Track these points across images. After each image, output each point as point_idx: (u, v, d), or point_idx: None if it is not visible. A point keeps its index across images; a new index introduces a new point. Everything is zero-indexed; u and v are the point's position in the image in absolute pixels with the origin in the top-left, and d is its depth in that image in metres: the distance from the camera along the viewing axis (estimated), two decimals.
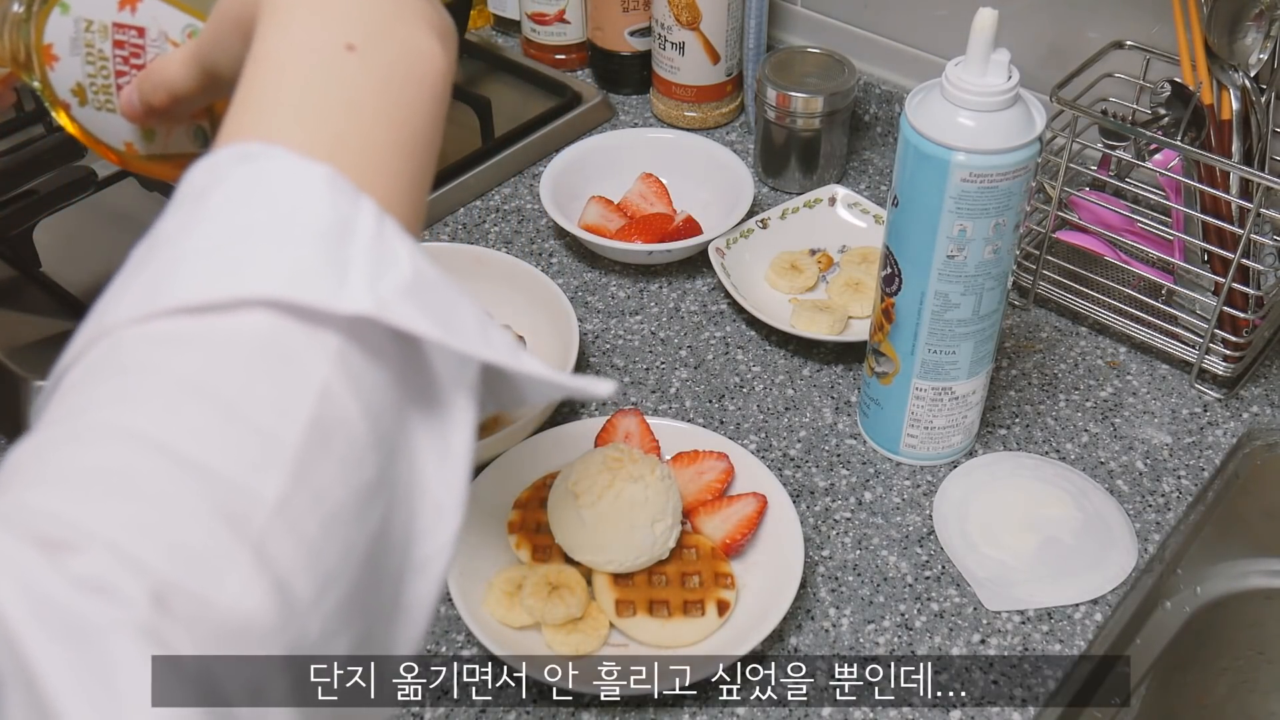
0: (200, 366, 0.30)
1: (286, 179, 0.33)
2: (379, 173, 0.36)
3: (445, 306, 0.33)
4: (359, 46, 0.38)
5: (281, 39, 0.38)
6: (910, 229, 0.66)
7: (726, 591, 0.67)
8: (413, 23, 0.40)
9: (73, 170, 0.83)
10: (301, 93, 0.37)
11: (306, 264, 0.31)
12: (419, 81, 0.39)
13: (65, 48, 0.49)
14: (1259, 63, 0.76)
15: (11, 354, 0.78)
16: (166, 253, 0.33)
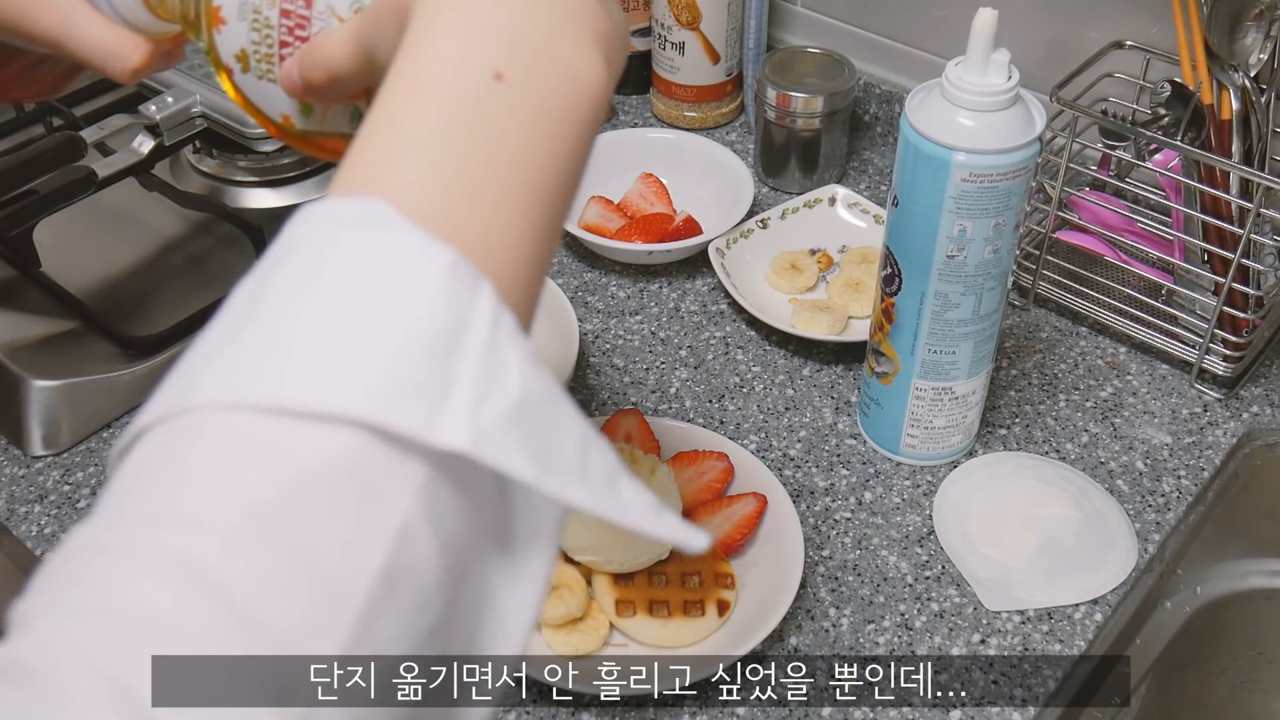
0: (277, 492, 0.28)
1: (406, 265, 0.30)
2: (509, 230, 0.33)
3: (547, 433, 0.30)
4: (508, 76, 0.35)
5: (425, 57, 0.35)
6: (910, 229, 0.66)
7: (726, 591, 0.67)
8: (576, 38, 0.37)
9: (73, 170, 0.83)
10: (438, 135, 0.33)
11: (407, 381, 0.29)
12: (572, 111, 0.36)
13: (233, 11, 0.48)
14: (1259, 63, 0.76)
15: (11, 354, 0.78)
16: (268, 324, 0.30)
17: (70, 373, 0.77)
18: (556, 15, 0.37)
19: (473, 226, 0.32)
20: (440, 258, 0.31)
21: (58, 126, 0.93)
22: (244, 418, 0.28)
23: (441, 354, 0.29)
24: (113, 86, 0.99)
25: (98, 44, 0.52)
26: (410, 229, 0.31)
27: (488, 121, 0.34)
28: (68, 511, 0.73)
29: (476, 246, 0.32)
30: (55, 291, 0.84)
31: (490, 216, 0.33)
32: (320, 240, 0.31)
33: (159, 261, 0.89)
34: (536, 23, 0.36)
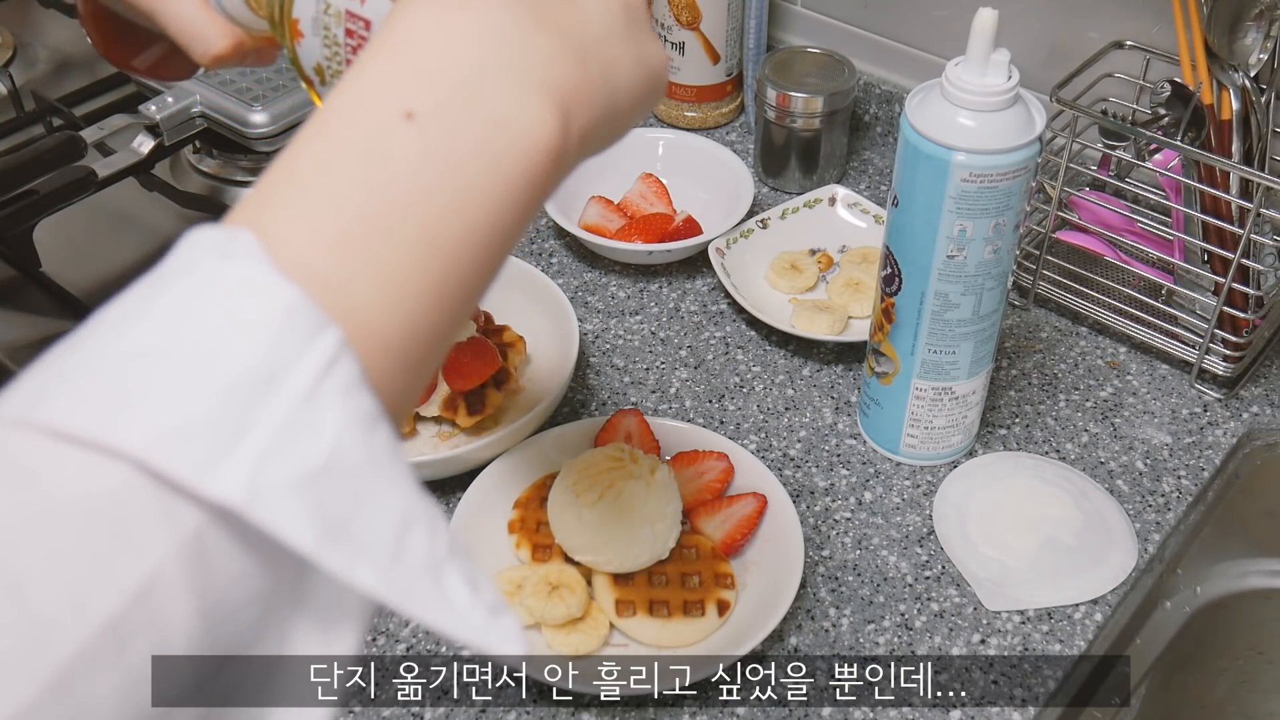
0: (18, 520, 0.25)
1: (241, 297, 0.28)
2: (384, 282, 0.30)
3: (354, 503, 0.27)
4: (419, 115, 0.32)
5: (343, 90, 0.33)
6: (910, 229, 0.66)
7: (726, 591, 0.67)
8: (520, 83, 0.33)
9: (73, 170, 0.83)
10: (326, 171, 0.31)
11: (195, 422, 0.26)
12: (495, 167, 0.32)
13: (308, 26, 0.48)
14: (1259, 63, 0.76)
15: (11, 354, 0.78)
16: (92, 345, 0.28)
17: None
18: (497, 57, 0.33)
19: (337, 273, 0.30)
20: (279, 296, 0.28)
21: (58, 126, 0.93)
22: (23, 437, 0.26)
23: (245, 398, 0.27)
24: (113, 86, 0.99)
25: (186, 23, 0.53)
26: (258, 263, 0.28)
27: (383, 163, 0.31)
28: None
29: (337, 294, 0.29)
30: (55, 291, 0.84)
31: (361, 265, 0.30)
32: (172, 268, 0.29)
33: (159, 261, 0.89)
34: (468, 61, 0.33)
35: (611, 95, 0.37)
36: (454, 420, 0.76)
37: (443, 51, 0.33)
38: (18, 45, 1.08)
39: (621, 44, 0.37)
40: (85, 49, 1.09)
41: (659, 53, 0.40)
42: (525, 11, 0.34)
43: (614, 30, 0.37)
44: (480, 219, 0.32)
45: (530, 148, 0.33)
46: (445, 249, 0.31)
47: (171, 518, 0.26)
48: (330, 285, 0.29)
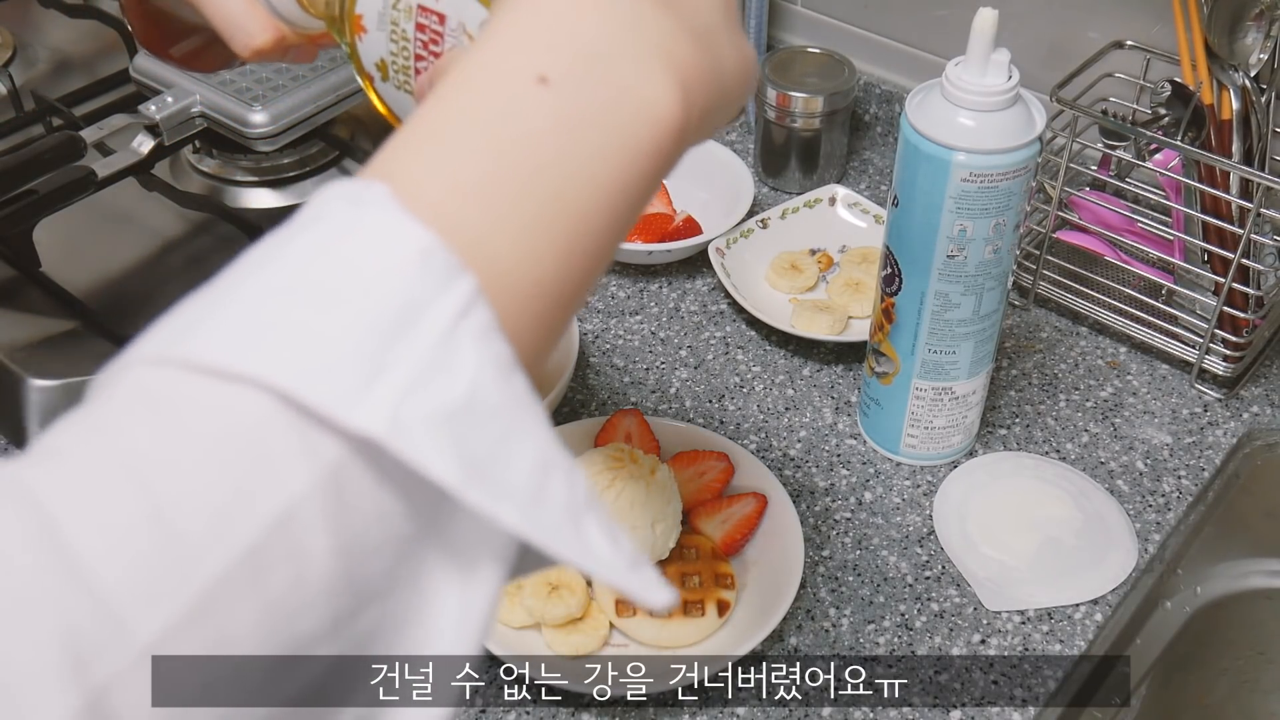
0: (162, 449, 0.26)
1: (377, 240, 0.29)
2: (518, 236, 0.31)
3: (493, 444, 0.27)
4: (553, 80, 0.32)
5: (475, 54, 0.33)
6: (910, 229, 0.66)
7: (726, 591, 0.67)
8: (644, 55, 0.34)
9: (73, 170, 0.83)
10: (462, 128, 0.31)
11: (337, 356, 0.26)
12: (624, 131, 0.33)
13: (373, 21, 0.48)
14: (1259, 62, 0.76)
15: (11, 354, 0.78)
16: (228, 286, 0.29)
17: (70, 373, 0.77)
18: (631, 30, 0.34)
19: (472, 223, 0.30)
20: (415, 240, 0.28)
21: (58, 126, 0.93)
22: (163, 372, 0.27)
23: (384, 335, 0.27)
24: (113, 86, 0.99)
25: (230, 14, 0.53)
26: (393, 209, 0.29)
27: (518, 122, 0.32)
28: None
29: (472, 244, 0.30)
30: (55, 291, 0.84)
31: (496, 217, 0.31)
32: (307, 217, 0.30)
33: (159, 261, 0.89)
34: (599, 33, 0.34)
35: (721, 80, 0.37)
36: None
37: (573, 21, 0.33)
38: (18, 45, 1.08)
39: (725, 34, 0.38)
40: (85, 49, 1.09)
41: (751, 49, 0.41)
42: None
43: (718, 20, 0.38)
44: (608, 183, 0.33)
45: (656, 119, 0.34)
46: (575, 209, 0.32)
47: (311, 449, 0.26)
48: (465, 233, 0.30)
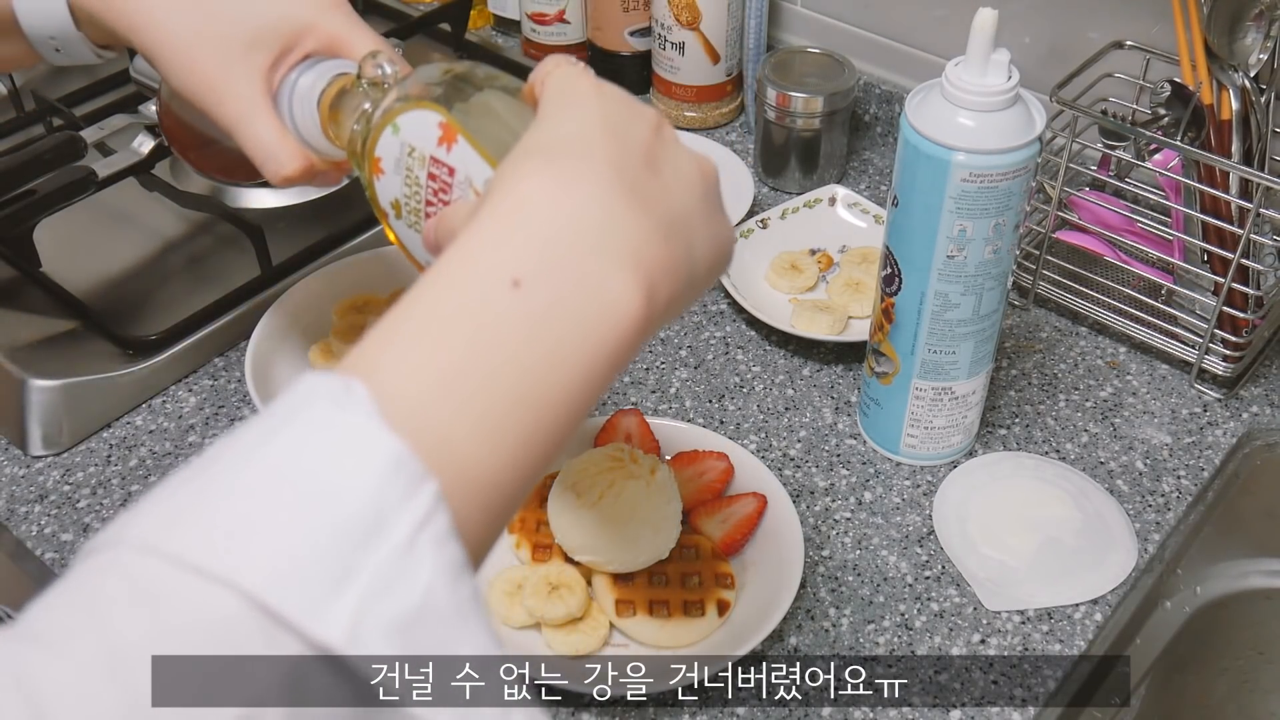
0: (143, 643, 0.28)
1: (350, 449, 0.31)
2: (482, 432, 0.33)
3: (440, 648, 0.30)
4: (526, 283, 0.35)
5: (457, 253, 0.36)
6: (910, 229, 0.66)
7: (726, 591, 0.67)
8: (615, 259, 0.36)
9: (73, 170, 0.83)
10: (436, 327, 0.34)
11: (306, 564, 0.29)
12: (587, 335, 0.35)
13: (390, 165, 0.52)
14: (1259, 63, 0.76)
15: (11, 354, 0.78)
16: (212, 479, 0.31)
17: (70, 373, 0.77)
18: (601, 233, 0.36)
19: (440, 423, 0.32)
20: (386, 449, 0.31)
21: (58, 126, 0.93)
22: (149, 562, 0.29)
23: (352, 545, 0.29)
24: (113, 86, 0.99)
25: (263, 144, 0.58)
26: (369, 415, 0.31)
27: (491, 323, 0.34)
28: (68, 511, 0.73)
29: (439, 444, 0.32)
30: (55, 291, 0.84)
31: (462, 419, 0.33)
32: (291, 409, 0.32)
33: (159, 261, 0.89)
34: (572, 238, 0.36)
35: (691, 268, 0.40)
36: None
37: (551, 224, 0.36)
38: None
39: (699, 220, 0.41)
40: None
41: (730, 230, 0.44)
42: (622, 188, 0.38)
43: (693, 207, 0.41)
44: (568, 380, 0.35)
45: (618, 318, 0.36)
46: (536, 405, 0.34)
47: (276, 649, 0.28)
48: (433, 433, 0.32)
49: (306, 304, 0.81)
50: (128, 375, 0.79)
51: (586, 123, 0.40)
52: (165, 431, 0.78)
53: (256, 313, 0.80)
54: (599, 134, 0.40)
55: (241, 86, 0.58)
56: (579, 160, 0.38)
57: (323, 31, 0.60)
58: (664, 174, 0.41)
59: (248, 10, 0.59)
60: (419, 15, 1.09)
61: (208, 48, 0.58)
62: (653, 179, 0.40)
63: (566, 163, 0.38)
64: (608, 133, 0.40)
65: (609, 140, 0.40)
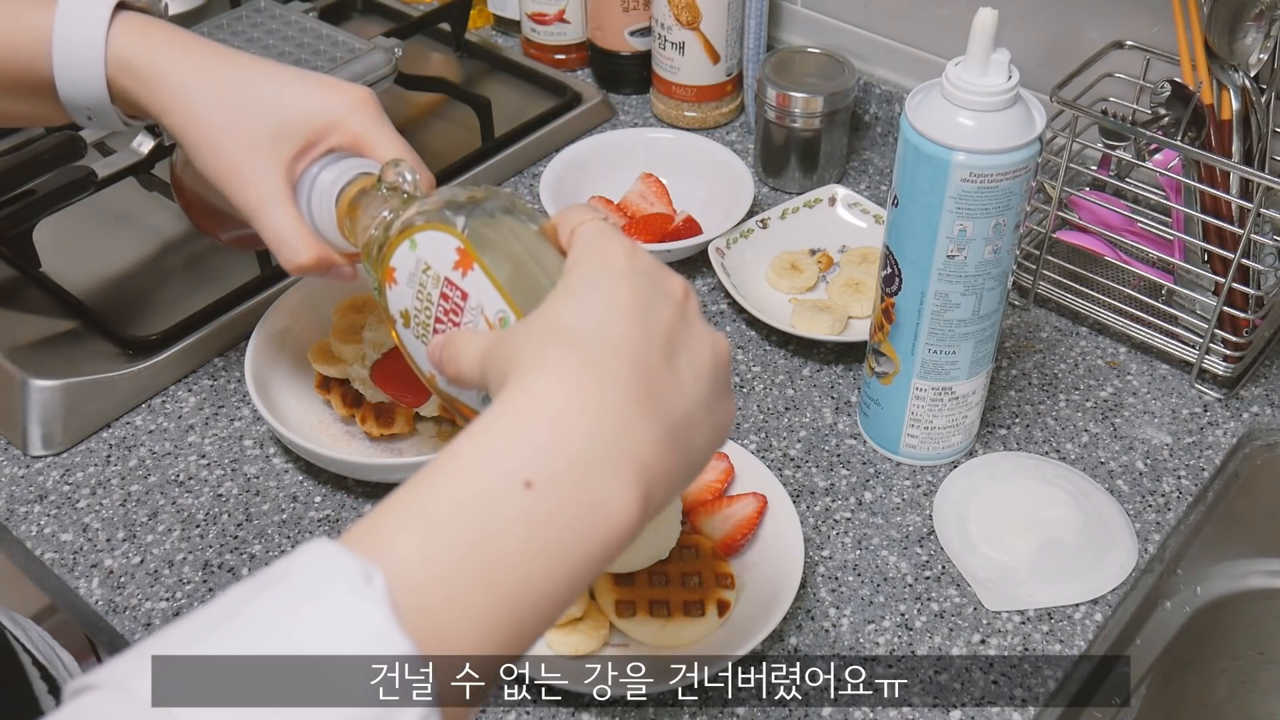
0: None
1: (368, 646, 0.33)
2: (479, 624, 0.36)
3: None
4: (538, 486, 0.37)
5: (473, 444, 0.38)
6: (910, 229, 0.66)
7: (726, 591, 0.67)
8: (619, 471, 0.38)
9: (73, 170, 0.83)
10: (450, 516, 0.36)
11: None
12: (586, 536, 0.38)
13: (404, 277, 0.54)
14: (1259, 63, 0.76)
15: (11, 354, 0.78)
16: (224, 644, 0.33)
17: (70, 373, 0.77)
18: (609, 444, 0.38)
19: (439, 609, 0.35)
20: (399, 649, 0.33)
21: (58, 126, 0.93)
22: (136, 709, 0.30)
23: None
24: None
25: (278, 231, 0.61)
26: (386, 615, 0.33)
27: (499, 518, 0.36)
28: (67, 511, 0.73)
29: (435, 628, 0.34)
30: (55, 291, 0.84)
31: (463, 604, 0.35)
32: (310, 585, 0.34)
33: (159, 261, 0.89)
34: (584, 445, 0.38)
35: (689, 464, 0.42)
36: (454, 420, 0.76)
37: (565, 429, 0.38)
38: None
39: (705, 411, 0.43)
40: None
41: (731, 409, 0.45)
42: (638, 392, 0.40)
43: (702, 399, 0.43)
44: (561, 577, 0.37)
45: (616, 526, 0.38)
46: (529, 599, 0.37)
47: None
48: (432, 617, 0.34)
49: (306, 304, 0.81)
50: (127, 375, 0.79)
51: (614, 307, 0.42)
52: (165, 431, 0.78)
53: (256, 313, 0.80)
54: (625, 322, 0.41)
55: (263, 175, 0.60)
56: (600, 358, 0.40)
57: (349, 130, 0.62)
58: (679, 366, 0.42)
59: (280, 103, 0.61)
60: (419, 15, 1.09)
61: (238, 136, 0.61)
62: (669, 374, 0.41)
63: (587, 360, 0.40)
64: (634, 319, 0.41)
65: (634, 328, 0.41)
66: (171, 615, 0.67)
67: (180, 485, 0.75)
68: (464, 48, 1.12)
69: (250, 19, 0.98)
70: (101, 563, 0.70)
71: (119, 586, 0.69)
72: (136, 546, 0.71)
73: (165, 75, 0.62)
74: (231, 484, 0.75)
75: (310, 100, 0.62)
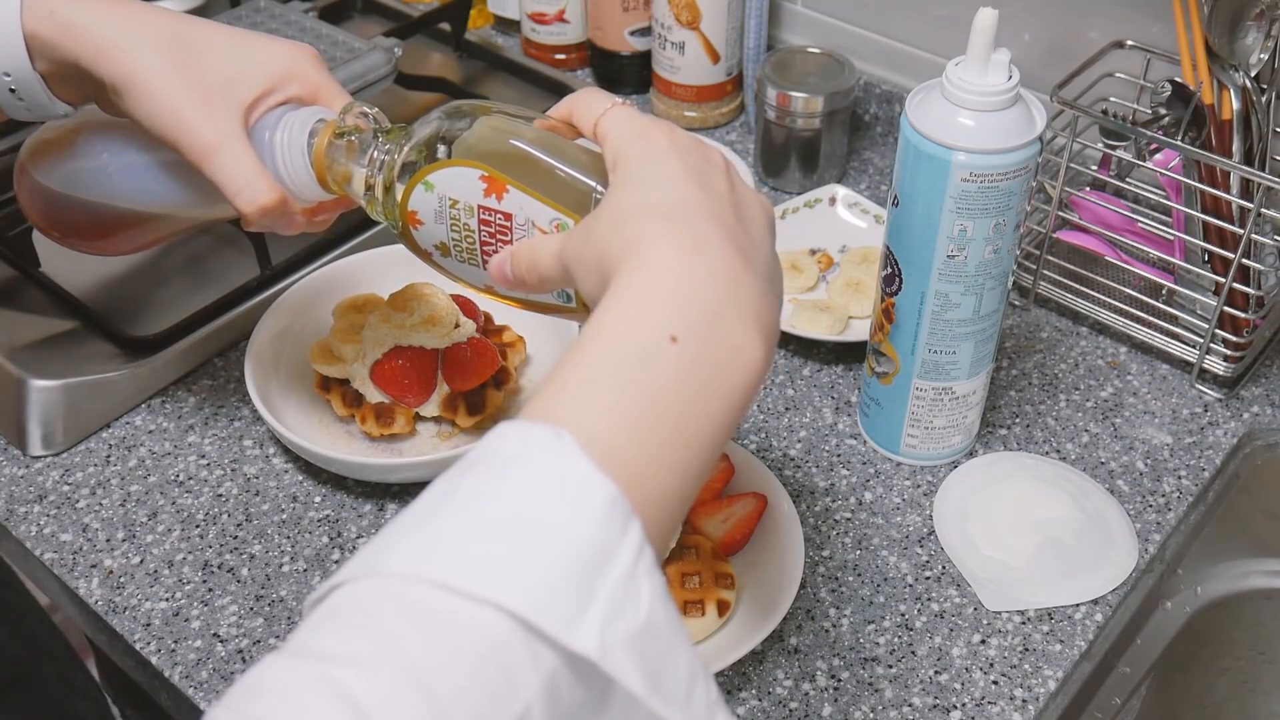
0: (433, 657, 0.32)
1: (577, 489, 0.36)
2: (660, 470, 0.39)
3: (662, 657, 0.35)
4: (682, 339, 0.40)
5: (615, 313, 0.42)
6: (910, 229, 0.66)
7: (726, 591, 0.66)
8: (743, 316, 0.42)
9: None
10: (614, 379, 0.40)
11: (557, 588, 0.34)
12: (730, 377, 0.41)
13: (429, 216, 0.55)
14: (1259, 62, 0.76)
15: (11, 354, 0.78)
16: (456, 513, 0.36)
17: (70, 373, 0.77)
18: (728, 295, 0.42)
19: (632, 461, 0.38)
20: (604, 490, 0.36)
21: None
22: (420, 588, 0.34)
23: (589, 571, 0.35)
24: None
25: (239, 172, 0.58)
26: (584, 460, 0.37)
27: (655, 373, 0.40)
28: (67, 511, 0.73)
29: (630, 474, 0.38)
30: (55, 291, 0.84)
31: (643, 451, 0.39)
32: (511, 454, 0.37)
33: (158, 261, 0.89)
34: (712, 300, 0.42)
35: (780, 305, 0.46)
36: (454, 420, 0.76)
37: (692, 287, 0.42)
38: None
39: (775, 260, 0.47)
40: None
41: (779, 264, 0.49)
42: (738, 253, 0.43)
43: (771, 251, 0.47)
44: (716, 417, 0.41)
45: (751, 367, 0.42)
46: (694, 440, 0.40)
47: (538, 661, 0.33)
48: (625, 467, 0.38)
49: (306, 304, 0.81)
50: (127, 375, 0.79)
51: (679, 180, 0.45)
52: (165, 431, 0.78)
53: (256, 313, 0.80)
54: (696, 192, 0.45)
55: (220, 116, 0.57)
56: (694, 224, 0.43)
57: (311, 79, 0.60)
58: (748, 224, 0.46)
59: (235, 49, 0.59)
60: (419, 15, 1.09)
61: (189, 78, 0.57)
62: (744, 232, 0.45)
63: (685, 228, 0.43)
64: (700, 187, 0.45)
65: (704, 196, 0.45)
66: (172, 615, 0.67)
67: (180, 485, 0.75)
68: (464, 48, 1.12)
69: (250, 19, 0.98)
70: (101, 563, 0.70)
71: (119, 586, 0.69)
72: (136, 546, 0.71)
73: (98, 20, 0.57)
74: (231, 484, 0.75)
75: (268, 50, 0.60)
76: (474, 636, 0.33)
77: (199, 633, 0.66)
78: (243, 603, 0.68)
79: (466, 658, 0.33)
